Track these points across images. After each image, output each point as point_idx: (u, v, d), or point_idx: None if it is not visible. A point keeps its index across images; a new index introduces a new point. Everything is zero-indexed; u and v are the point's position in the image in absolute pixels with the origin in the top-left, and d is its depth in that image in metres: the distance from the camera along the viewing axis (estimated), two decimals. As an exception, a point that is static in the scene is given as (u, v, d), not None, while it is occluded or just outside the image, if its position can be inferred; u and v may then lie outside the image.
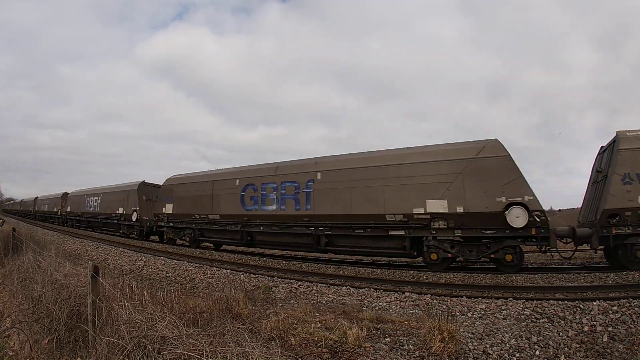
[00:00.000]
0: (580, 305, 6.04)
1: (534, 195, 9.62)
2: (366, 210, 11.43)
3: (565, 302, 6.29)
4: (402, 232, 10.92)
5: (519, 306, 6.26)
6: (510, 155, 10.00)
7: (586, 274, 9.07)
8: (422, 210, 10.55)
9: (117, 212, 23.26)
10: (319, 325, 5.22)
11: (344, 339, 4.56)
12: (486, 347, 4.82)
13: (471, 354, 4.66)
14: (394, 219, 10.98)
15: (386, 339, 4.96)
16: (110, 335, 3.57)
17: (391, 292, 7.65)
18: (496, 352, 4.73)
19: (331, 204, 12.15)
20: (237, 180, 15.07)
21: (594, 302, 6.15)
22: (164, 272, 10.91)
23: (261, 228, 14.05)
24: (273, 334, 4.56)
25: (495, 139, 10.45)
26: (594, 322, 5.52)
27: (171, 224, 18.02)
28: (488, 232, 9.95)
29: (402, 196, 10.90)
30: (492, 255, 9.93)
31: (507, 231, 9.66)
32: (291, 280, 9.02)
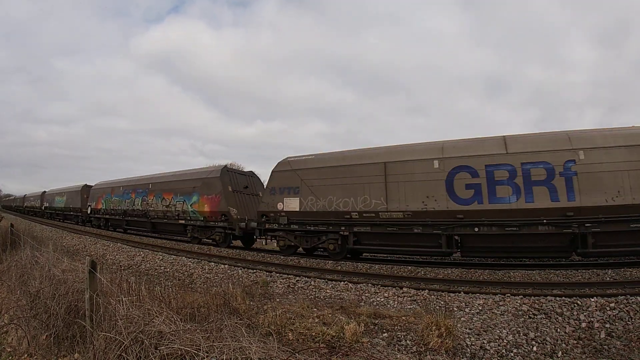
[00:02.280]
0: (578, 302, 6.05)
1: None
2: None
3: (563, 298, 6.31)
4: None
5: (517, 302, 6.28)
6: None
7: (584, 271, 9.09)
8: None
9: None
10: (316, 320, 5.23)
11: (342, 334, 4.57)
12: (484, 343, 4.83)
13: (469, 350, 4.67)
14: None
15: (384, 334, 4.97)
16: (107, 331, 3.56)
17: (389, 288, 7.67)
18: (493, 348, 4.74)
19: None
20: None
21: (592, 298, 6.17)
22: (162, 268, 10.92)
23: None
24: (270, 329, 4.57)
25: None
26: (592, 319, 5.54)
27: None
28: None
29: None
30: None
31: None
32: (289, 276, 9.04)
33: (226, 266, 10.43)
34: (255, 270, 9.77)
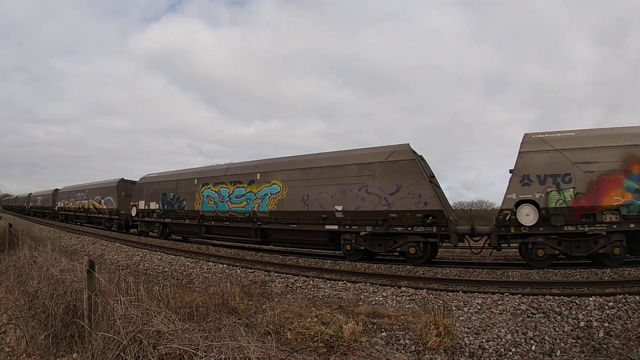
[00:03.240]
0: (577, 301, 6.07)
1: None
2: None
3: (562, 297, 6.32)
4: None
5: (515, 301, 6.29)
6: None
7: (582, 270, 9.11)
8: None
9: None
10: (315, 319, 5.22)
11: (340, 334, 4.56)
12: (482, 342, 4.83)
13: (467, 349, 4.68)
14: None
15: (382, 334, 4.97)
16: (106, 330, 3.55)
17: (387, 287, 7.67)
18: (492, 347, 4.75)
19: None
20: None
21: (590, 297, 6.18)
22: (161, 267, 10.90)
23: None
24: (269, 328, 4.56)
25: None
26: (590, 318, 5.55)
27: None
28: None
29: None
30: None
31: None
32: (288, 275, 9.03)
33: (225, 266, 10.42)
34: (253, 270, 9.77)
